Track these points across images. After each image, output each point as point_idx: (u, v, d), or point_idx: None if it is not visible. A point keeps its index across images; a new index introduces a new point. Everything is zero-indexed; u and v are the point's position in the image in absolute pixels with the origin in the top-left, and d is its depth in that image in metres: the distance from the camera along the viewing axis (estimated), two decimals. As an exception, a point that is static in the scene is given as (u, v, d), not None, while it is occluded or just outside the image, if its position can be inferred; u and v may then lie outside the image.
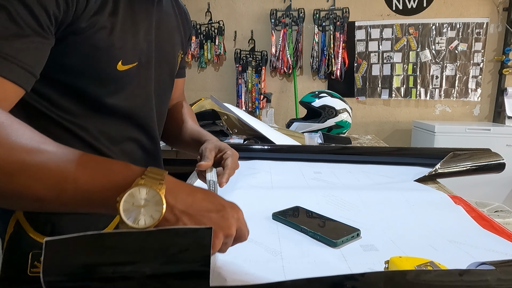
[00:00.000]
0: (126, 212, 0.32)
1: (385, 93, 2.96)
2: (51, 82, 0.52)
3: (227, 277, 0.44)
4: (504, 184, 2.37)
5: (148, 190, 0.33)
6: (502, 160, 0.98)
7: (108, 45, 0.52)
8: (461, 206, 0.71)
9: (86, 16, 0.48)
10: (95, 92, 0.55)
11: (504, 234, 0.58)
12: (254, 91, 2.99)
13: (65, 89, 0.53)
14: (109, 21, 0.51)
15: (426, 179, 0.92)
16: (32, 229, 0.55)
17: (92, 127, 0.57)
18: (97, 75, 0.54)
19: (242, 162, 1.09)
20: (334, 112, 1.76)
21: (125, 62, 0.56)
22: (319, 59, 2.92)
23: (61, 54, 0.49)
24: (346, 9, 2.86)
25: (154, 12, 0.61)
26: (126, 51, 0.55)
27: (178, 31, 0.72)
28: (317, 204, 0.72)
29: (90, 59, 0.52)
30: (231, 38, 3.04)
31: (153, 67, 0.64)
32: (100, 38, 0.51)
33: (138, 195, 0.33)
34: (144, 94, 0.63)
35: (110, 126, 0.60)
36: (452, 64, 2.85)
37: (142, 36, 0.58)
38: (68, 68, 0.51)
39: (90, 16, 0.48)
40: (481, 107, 2.90)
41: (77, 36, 0.48)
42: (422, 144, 2.63)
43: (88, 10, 0.48)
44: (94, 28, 0.49)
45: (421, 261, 0.42)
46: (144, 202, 0.33)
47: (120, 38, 0.54)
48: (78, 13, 0.46)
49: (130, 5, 0.55)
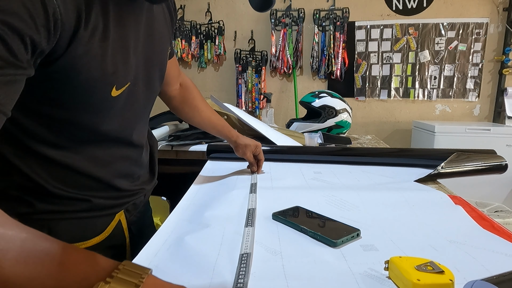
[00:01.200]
0: None
1: (384, 94, 2.96)
2: (37, 115, 0.48)
3: (227, 277, 0.44)
4: (504, 184, 2.37)
5: None
6: (505, 161, 0.98)
7: (101, 73, 0.48)
8: (461, 206, 0.71)
9: (77, 45, 0.43)
10: (88, 122, 0.53)
11: (504, 234, 0.58)
12: (254, 91, 2.99)
13: (55, 122, 0.50)
14: (100, 48, 0.47)
15: (426, 179, 0.92)
16: None
17: (82, 155, 0.55)
18: (90, 106, 0.51)
19: (242, 163, 1.09)
20: (334, 112, 1.76)
21: (119, 87, 0.52)
22: (319, 59, 2.92)
23: (51, 88, 0.46)
24: (346, 9, 2.86)
25: (143, 19, 0.57)
26: (119, 75, 0.51)
27: (166, 26, 0.67)
28: (317, 204, 0.72)
29: (83, 91, 0.48)
30: (231, 38, 3.04)
31: (144, 78, 0.60)
32: (93, 67, 0.46)
33: None
34: (135, 110, 0.61)
35: (102, 150, 0.58)
36: (450, 65, 2.85)
37: (132, 52, 0.54)
38: (59, 101, 0.48)
39: (82, 44, 0.44)
40: (481, 107, 2.90)
41: (68, 69, 0.44)
42: (422, 144, 2.63)
43: (78, 38, 0.43)
44: (87, 57, 0.45)
45: (421, 261, 0.42)
46: None
47: (112, 63, 0.49)
48: (64, 41, 0.42)
49: (119, 22, 0.49)
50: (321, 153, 1.17)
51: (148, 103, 0.66)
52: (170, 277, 0.45)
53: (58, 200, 0.54)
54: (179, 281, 0.44)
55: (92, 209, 0.58)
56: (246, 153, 0.95)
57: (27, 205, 0.52)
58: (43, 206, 0.53)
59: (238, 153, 0.97)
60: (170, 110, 0.94)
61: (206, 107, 0.95)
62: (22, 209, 0.52)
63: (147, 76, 0.61)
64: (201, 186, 0.89)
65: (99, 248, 0.57)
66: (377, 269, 0.47)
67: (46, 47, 0.40)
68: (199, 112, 0.93)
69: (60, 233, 0.54)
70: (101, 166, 0.58)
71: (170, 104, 0.91)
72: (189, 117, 0.94)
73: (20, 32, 0.36)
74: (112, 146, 0.59)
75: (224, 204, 0.71)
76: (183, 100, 0.91)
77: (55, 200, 0.53)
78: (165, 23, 0.67)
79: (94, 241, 0.59)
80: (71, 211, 0.55)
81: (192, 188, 0.86)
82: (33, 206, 0.52)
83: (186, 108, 0.92)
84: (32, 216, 0.52)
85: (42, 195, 0.52)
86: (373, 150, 1.27)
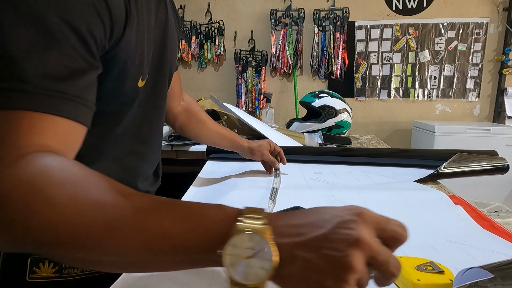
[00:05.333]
0: (233, 267, 0.27)
1: (384, 94, 2.96)
2: None
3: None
4: (504, 184, 2.37)
5: (252, 236, 0.28)
6: (507, 163, 0.98)
7: (135, 63, 0.48)
8: (461, 206, 0.71)
9: (123, 38, 0.44)
10: (113, 115, 0.52)
11: (504, 234, 0.58)
12: (254, 91, 2.99)
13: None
14: (136, 38, 0.47)
15: (426, 179, 0.92)
16: None
17: (98, 149, 0.54)
18: (121, 95, 0.51)
19: (242, 163, 1.09)
20: (334, 112, 1.76)
21: (143, 77, 0.53)
22: (319, 59, 2.92)
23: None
24: (346, 9, 2.86)
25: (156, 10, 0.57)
26: (144, 66, 0.52)
27: (176, 32, 0.69)
28: (317, 204, 0.72)
29: (118, 80, 0.48)
30: (231, 38, 3.04)
31: (157, 75, 0.61)
32: (131, 57, 0.47)
33: (241, 244, 0.28)
34: (151, 105, 0.61)
35: (117, 145, 0.57)
36: (450, 65, 2.85)
37: (151, 41, 0.54)
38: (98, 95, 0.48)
39: (126, 37, 0.44)
40: (481, 107, 2.90)
41: (113, 60, 0.45)
42: (422, 144, 2.63)
43: (125, 32, 0.44)
44: (128, 48, 0.46)
45: (421, 261, 0.42)
46: (250, 252, 0.28)
47: (140, 53, 0.50)
48: (117, 37, 0.43)
49: (146, 12, 0.50)
50: (321, 153, 1.16)
51: (161, 99, 0.66)
52: (170, 276, 0.45)
53: None
54: (179, 280, 0.44)
55: None
56: (264, 153, 0.93)
57: None
58: None
59: (256, 158, 0.95)
60: (176, 130, 0.91)
61: (210, 119, 0.93)
62: None
63: (161, 72, 0.62)
64: (201, 187, 0.89)
65: None
66: (377, 269, 0.47)
67: (107, 44, 0.41)
68: (207, 125, 0.91)
69: None
70: (111, 161, 0.57)
71: (176, 122, 0.88)
72: (196, 133, 0.91)
73: (93, 32, 0.37)
74: (125, 141, 0.59)
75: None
76: (189, 115, 0.89)
77: None
78: (175, 30, 0.68)
79: None
80: None
81: (191, 189, 0.86)
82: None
83: (193, 124, 0.90)
84: None
85: None
86: (373, 151, 1.27)
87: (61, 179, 0.30)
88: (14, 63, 0.32)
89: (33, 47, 0.33)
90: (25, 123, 0.33)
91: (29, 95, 0.33)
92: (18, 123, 0.32)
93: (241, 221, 0.29)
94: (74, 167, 0.32)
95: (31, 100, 0.33)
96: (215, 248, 0.28)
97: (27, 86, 0.33)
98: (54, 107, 0.34)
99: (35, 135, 0.33)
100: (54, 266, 0.52)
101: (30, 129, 0.33)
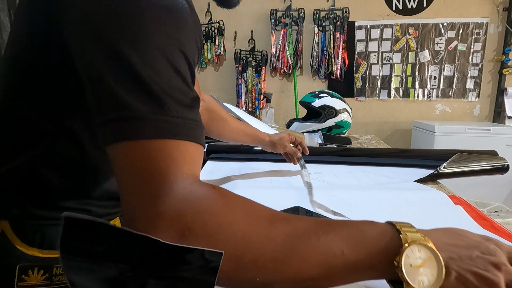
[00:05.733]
0: (409, 276, 0.31)
1: (384, 94, 2.96)
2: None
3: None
4: (504, 184, 2.37)
5: (419, 247, 0.32)
6: (507, 163, 0.98)
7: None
8: (461, 206, 0.71)
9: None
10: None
11: (504, 234, 0.58)
12: (254, 91, 2.99)
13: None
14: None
15: (426, 179, 0.92)
16: (19, 240, 0.49)
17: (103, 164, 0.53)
18: None
19: (242, 163, 1.09)
20: (334, 112, 1.76)
21: None
22: (319, 59, 2.92)
23: None
24: (346, 9, 2.86)
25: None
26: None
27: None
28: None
29: None
30: (231, 38, 3.04)
31: None
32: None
33: (412, 254, 0.31)
34: None
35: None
36: (450, 65, 2.85)
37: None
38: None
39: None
40: (481, 107, 2.90)
41: None
42: (422, 144, 2.63)
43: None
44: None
45: (421, 261, 0.42)
46: (420, 261, 0.31)
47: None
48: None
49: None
50: (321, 153, 1.16)
51: None
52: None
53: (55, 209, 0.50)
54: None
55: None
56: (286, 145, 0.94)
57: (20, 208, 0.48)
58: (38, 212, 0.49)
59: (278, 150, 0.95)
60: None
61: (231, 117, 0.93)
62: (15, 212, 0.48)
63: None
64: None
65: None
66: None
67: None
68: (228, 122, 0.91)
69: (54, 239, 0.49)
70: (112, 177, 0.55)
71: None
72: (219, 132, 0.91)
73: (195, 64, 0.39)
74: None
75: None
76: (210, 114, 0.89)
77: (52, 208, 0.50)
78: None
79: None
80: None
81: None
82: (27, 210, 0.48)
83: (215, 122, 0.90)
84: (25, 220, 0.49)
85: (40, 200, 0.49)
86: (373, 151, 1.27)
87: (231, 207, 0.32)
88: (154, 92, 0.33)
89: (167, 77, 0.34)
90: (176, 152, 0.32)
91: (171, 124, 0.33)
92: (169, 153, 0.32)
93: (405, 234, 0.33)
94: (233, 194, 0.34)
95: (174, 129, 0.33)
96: (382, 260, 0.32)
97: (169, 116, 0.33)
98: (190, 133, 0.35)
99: (187, 165, 0.33)
100: (44, 273, 0.50)
101: (182, 158, 0.33)
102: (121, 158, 0.32)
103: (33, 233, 0.49)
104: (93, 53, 0.33)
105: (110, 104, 0.32)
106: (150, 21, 0.34)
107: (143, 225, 0.29)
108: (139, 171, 0.31)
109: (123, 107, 0.32)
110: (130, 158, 0.32)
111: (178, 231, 0.29)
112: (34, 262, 0.48)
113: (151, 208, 0.29)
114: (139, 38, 0.33)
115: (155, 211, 0.29)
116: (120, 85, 0.32)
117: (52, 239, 0.50)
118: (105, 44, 0.33)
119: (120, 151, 0.32)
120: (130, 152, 0.32)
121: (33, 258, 0.48)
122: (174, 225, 0.29)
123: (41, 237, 0.49)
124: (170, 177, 0.31)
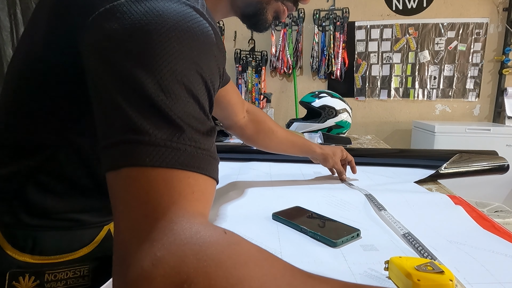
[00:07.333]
0: None
1: (384, 94, 2.96)
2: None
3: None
4: (504, 184, 2.37)
5: None
6: (507, 162, 0.98)
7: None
8: (461, 206, 0.71)
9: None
10: None
11: (504, 234, 0.58)
12: (254, 91, 2.99)
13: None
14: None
15: (426, 180, 0.92)
16: (10, 246, 0.47)
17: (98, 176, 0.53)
18: None
19: (242, 163, 1.09)
20: (334, 112, 1.76)
21: None
22: (319, 59, 2.92)
23: None
24: (346, 9, 2.86)
25: None
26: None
27: None
28: (317, 204, 0.72)
29: None
30: (231, 38, 3.04)
31: None
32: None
33: None
34: None
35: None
36: (450, 65, 2.85)
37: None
38: None
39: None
40: (481, 107, 2.90)
41: None
42: (422, 144, 2.63)
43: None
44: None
45: (421, 261, 0.42)
46: None
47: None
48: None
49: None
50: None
51: None
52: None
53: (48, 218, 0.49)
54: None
55: (82, 224, 0.52)
56: (337, 162, 0.91)
57: (13, 217, 0.47)
58: (31, 220, 0.48)
59: (328, 165, 0.92)
60: (245, 142, 0.89)
61: (279, 127, 0.90)
62: (6, 219, 0.47)
63: None
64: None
65: (88, 259, 0.51)
66: (377, 269, 0.47)
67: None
68: (275, 134, 0.88)
69: (46, 245, 0.49)
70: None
71: (244, 135, 0.86)
72: (266, 143, 0.89)
73: (215, 92, 0.37)
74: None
75: (223, 205, 0.71)
76: (256, 126, 0.86)
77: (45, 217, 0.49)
78: None
79: (82, 252, 0.53)
80: (59, 226, 0.50)
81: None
82: (20, 219, 0.47)
83: (261, 135, 0.87)
84: (17, 227, 0.48)
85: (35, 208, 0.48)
86: (373, 151, 1.27)
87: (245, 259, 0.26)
88: (166, 117, 0.30)
89: (182, 103, 0.31)
90: (183, 185, 0.29)
91: (182, 152, 0.30)
92: (176, 185, 0.28)
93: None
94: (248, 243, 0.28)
95: (185, 158, 0.30)
96: None
97: (180, 144, 0.30)
98: (203, 165, 0.31)
99: (195, 201, 0.29)
100: (35, 279, 0.48)
101: (191, 193, 0.29)
102: (120, 185, 0.28)
103: (25, 238, 0.48)
104: (106, 72, 0.32)
105: (116, 126, 0.30)
106: (173, 43, 0.32)
107: (135, 274, 0.24)
108: (137, 204, 0.27)
109: (130, 130, 0.29)
110: (129, 187, 0.28)
111: (175, 283, 0.23)
112: (26, 268, 0.47)
113: (147, 251, 0.25)
114: (157, 59, 0.31)
115: (151, 256, 0.24)
116: (128, 106, 0.30)
117: (44, 244, 0.48)
118: (120, 64, 0.31)
119: (120, 178, 0.28)
120: (130, 179, 0.28)
121: (24, 264, 0.46)
122: (172, 276, 0.23)
123: (32, 243, 0.48)
124: (172, 214, 0.27)
